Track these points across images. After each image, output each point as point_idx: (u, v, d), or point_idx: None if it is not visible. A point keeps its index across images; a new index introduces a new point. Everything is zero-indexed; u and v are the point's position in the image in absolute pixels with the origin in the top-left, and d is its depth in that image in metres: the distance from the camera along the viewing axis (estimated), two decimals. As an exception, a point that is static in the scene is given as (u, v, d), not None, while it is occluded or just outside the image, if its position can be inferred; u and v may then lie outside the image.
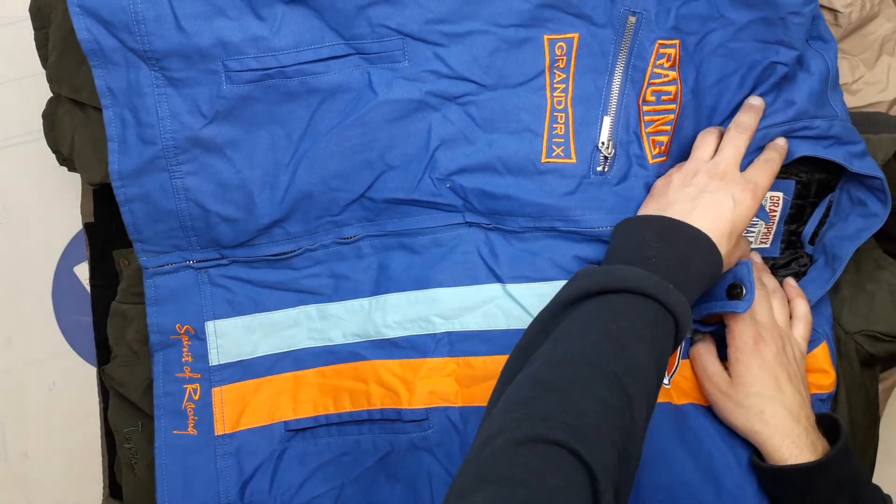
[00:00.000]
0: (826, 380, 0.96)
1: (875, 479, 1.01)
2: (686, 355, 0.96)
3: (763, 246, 0.99)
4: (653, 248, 0.83)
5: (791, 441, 0.87)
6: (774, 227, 0.99)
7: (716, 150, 0.90)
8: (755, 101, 0.91)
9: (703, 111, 0.94)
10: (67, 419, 1.35)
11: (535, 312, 0.92)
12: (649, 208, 0.90)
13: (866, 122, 1.00)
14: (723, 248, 0.84)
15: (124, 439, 1.05)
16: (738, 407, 0.90)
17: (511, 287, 0.95)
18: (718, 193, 0.86)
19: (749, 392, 0.89)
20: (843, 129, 0.92)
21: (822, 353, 0.97)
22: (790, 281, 0.97)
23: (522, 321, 0.94)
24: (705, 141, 0.91)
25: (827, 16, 1.03)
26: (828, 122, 0.92)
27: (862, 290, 0.99)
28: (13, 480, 1.36)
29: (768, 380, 0.88)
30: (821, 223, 0.99)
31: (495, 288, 0.95)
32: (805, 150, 0.92)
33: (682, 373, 0.95)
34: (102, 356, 1.10)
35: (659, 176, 0.93)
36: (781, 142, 0.92)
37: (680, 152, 0.94)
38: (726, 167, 0.88)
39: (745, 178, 0.88)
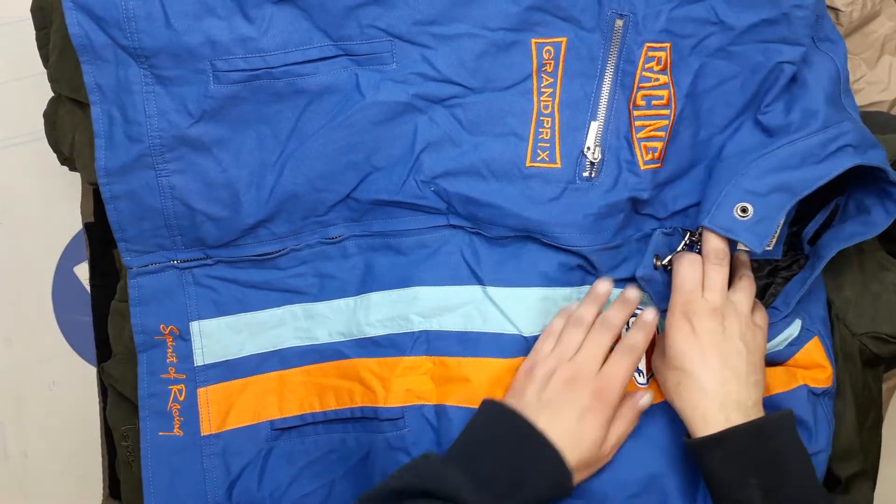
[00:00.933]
0: (822, 374, 0.95)
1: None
2: None
3: (766, 249, 0.97)
4: (489, 451, 0.84)
5: (700, 415, 0.86)
6: (779, 231, 0.97)
7: (582, 343, 0.90)
8: (631, 293, 0.91)
9: (703, 116, 0.93)
10: (67, 419, 1.35)
11: (513, 317, 0.93)
12: (509, 395, 0.90)
13: (869, 121, 0.99)
14: (571, 454, 0.84)
15: (122, 437, 1.06)
16: (663, 381, 0.90)
17: (491, 290, 0.94)
18: (569, 397, 0.86)
19: (671, 364, 0.88)
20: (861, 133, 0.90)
21: (815, 347, 0.95)
22: (740, 255, 0.95)
23: (500, 325, 0.94)
24: (569, 335, 0.90)
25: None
26: (853, 124, 0.90)
27: (867, 292, 0.98)
28: (13, 480, 1.36)
29: (692, 354, 0.87)
30: (824, 225, 0.98)
31: (476, 290, 0.95)
32: (847, 161, 0.88)
33: None
34: (102, 356, 1.10)
35: (653, 182, 0.93)
36: (649, 316, 0.91)
37: (676, 159, 0.93)
38: (580, 369, 0.87)
39: (598, 380, 0.87)
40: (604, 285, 0.92)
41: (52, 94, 1.08)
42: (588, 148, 0.92)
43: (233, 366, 0.99)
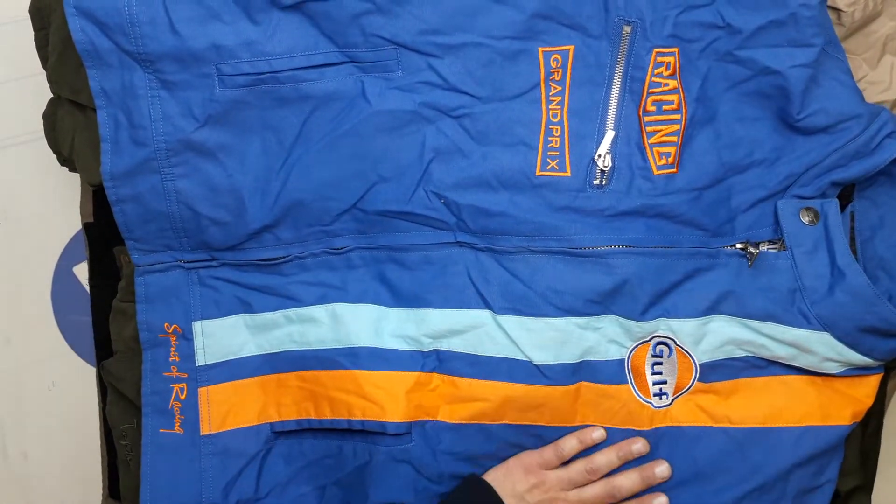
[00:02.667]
0: (861, 408, 0.96)
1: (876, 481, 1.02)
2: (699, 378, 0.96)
3: None
4: None
5: None
6: None
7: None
8: (660, 470, 0.95)
9: (719, 119, 0.93)
10: (67, 419, 1.35)
11: (524, 346, 0.94)
12: (498, 474, 0.96)
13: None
14: None
15: (120, 436, 1.06)
16: None
17: (501, 318, 0.94)
18: None
19: None
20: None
21: (874, 382, 0.95)
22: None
23: (510, 351, 0.94)
24: (577, 473, 0.95)
25: (830, 15, 1.02)
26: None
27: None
28: (13, 480, 1.36)
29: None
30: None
31: (485, 314, 0.95)
32: (893, 149, 0.90)
33: (693, 398, 0.96)
34: (102, 356, 1.10)
35: (666, 189, 0.92)
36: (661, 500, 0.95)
37: (692, 164, 0.93)
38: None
39: None
40: (639, 445, 0.95)
41: (51, 95, 1.08)
42: (599, 156, 0.92)
43: (233, 366, 1.00)
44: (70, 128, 1.06)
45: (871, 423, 1.00)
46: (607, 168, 0.92)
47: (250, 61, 0.91)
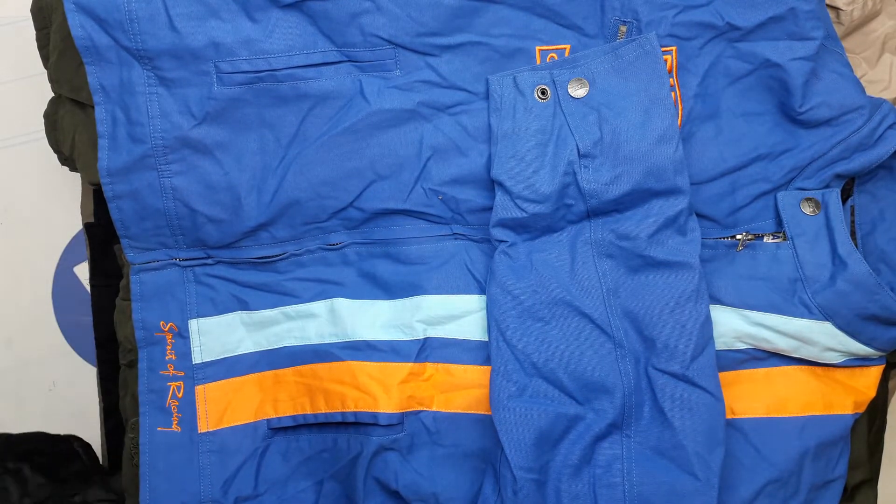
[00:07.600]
0: (864, 398, 0.95)
1: (879, 483, 1.02)
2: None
3: None
4: None
5: None
6: None
7: None
8: None
9: (721, 115, 0.94)
10: (67, 419, 1.35)
11: None
12: None
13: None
14: None
15: (131, 429, 1.06)
16: None
17: None
18: None
19: None
20: None
21: (876, 373, 0.95)
22: None
23: None
24: None
25: (829, 13, 1.02)
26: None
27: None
28: (13, 480, 1.36)
29: None
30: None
31: (481, 299, 0.95)
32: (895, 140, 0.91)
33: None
34: (102, 356, 1.10)
35: None
36: None
37: (689, 160, 0.93)
38: None
39: None
40: None
41: (52, 94, 1.08)
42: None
43: (230, 364, 1.00)
44: (71, 127, 1.06)
45: (876, 421, 1.01)
46: None
47: (249, 59, 0.92)
